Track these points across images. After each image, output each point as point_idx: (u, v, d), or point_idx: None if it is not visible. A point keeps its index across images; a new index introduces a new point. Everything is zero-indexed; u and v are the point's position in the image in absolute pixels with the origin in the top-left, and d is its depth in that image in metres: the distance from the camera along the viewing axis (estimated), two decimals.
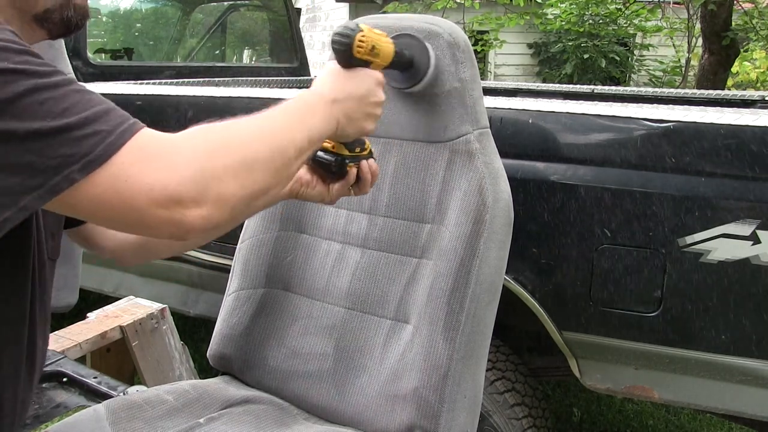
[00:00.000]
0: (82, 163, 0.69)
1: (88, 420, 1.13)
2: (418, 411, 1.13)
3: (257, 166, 0.80)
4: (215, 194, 0.74)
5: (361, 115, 1.02)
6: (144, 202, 0.71)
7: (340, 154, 1.04)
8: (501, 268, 1.19)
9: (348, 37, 1.00)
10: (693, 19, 6.81)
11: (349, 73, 1.02)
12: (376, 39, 1.04)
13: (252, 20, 4.30)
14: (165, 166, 0.72)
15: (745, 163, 1.38)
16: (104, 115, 0.72)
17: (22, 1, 0.82)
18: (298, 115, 0.90)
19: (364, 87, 1.02)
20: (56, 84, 0.70)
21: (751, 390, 1.45)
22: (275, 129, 0.85)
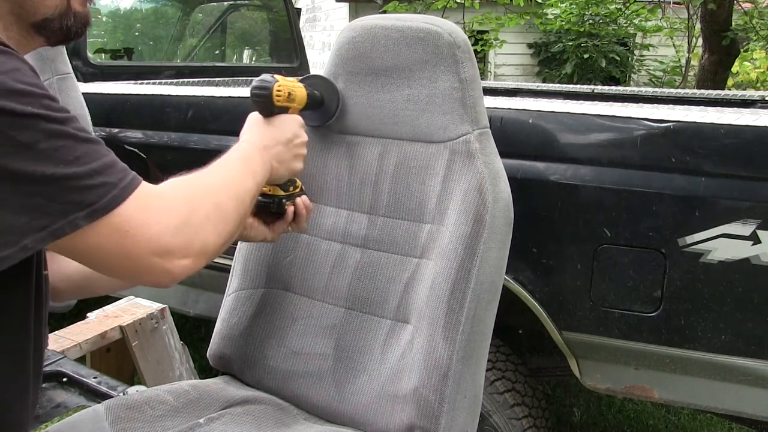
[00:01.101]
0: (88, 211, 0.74)
1: (88, 420, 1.13)
2: (418, 411, 1.13)
3: (228, 216, 0.90)
4: (199, 245, 0.84)
5: (290, 157, 1.12)
6: (142, 251, 0.78)
7: (277, 195, 1.14)
8: (501, 268, 1.19)
9: (267, 89, 1.10)
10: (693, 19, 6.81)
11: (272, 121, 1.12)
12: (290, 86, 1.14)
13: (252, 20, 4.30)
14: (161, 219, 0.79)
15: (745, 163, 1.38)
16: (110, 167, 0.77)
17: (21, 9, 0.82)
18: (244, 165, 1.00)
19: (289, 131, 1.12)
20: (70, 132, 0.74)
21: (751, 390, 1.45)
22: (234, 179, 0.95)
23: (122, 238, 0.76)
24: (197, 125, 2.02)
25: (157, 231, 0.78)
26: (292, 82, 1.15)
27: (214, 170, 0.96)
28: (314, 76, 1.28)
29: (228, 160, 1.00)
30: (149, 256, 0.78)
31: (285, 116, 1.13)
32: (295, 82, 1.17)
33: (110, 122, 2.18)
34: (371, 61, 1.26)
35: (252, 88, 1.11)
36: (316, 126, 1.31)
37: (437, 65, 1.20)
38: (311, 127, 1.33)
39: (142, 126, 2.14)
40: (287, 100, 1.13)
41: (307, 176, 1.33)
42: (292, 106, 1.15)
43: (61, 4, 0.85)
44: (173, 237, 0.80)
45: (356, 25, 1.30)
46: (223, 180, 0.94)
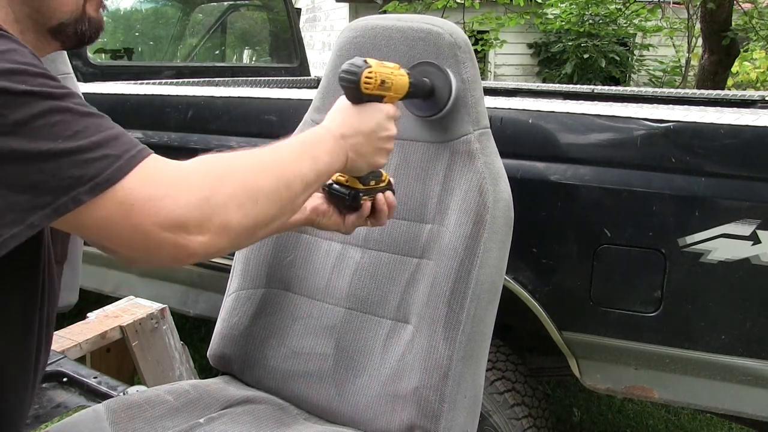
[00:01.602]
0: (90, 185, 0.71)
1: (88, 420, 1.13)
2: (419, 411, 1.13)
3: (262, 197, 0.83)
4: (219, 222, 0.77)
5: (371, 150, 1.03)
6: (149, 225, 0.74)
7: (354, 188, 1.05)
8: (501, 268, 1.19)
9: (354, 74, 1.00)
10: (693, 19, 6.81)
11: (358, 109, 1.02)
12: (386, 73, 1.03)
13: (252, 20, 4.30)
14: (171, 192, 0.75)
15: (745, 163, 1.38)
16: (114, 140, 0.74)
17: (38, 14, 0.83)
18: (306, 149, 0.93)
19: (373, 122, 1.03)
20: (69, 107, 0.72)
21: (751, 390, 1.45)
22: (281, 161, 0.88)
23: (128, 211, 0.73)
24: (197, 125, 2.02)
25: (166, 204, 0.74)
26: (389, 68, 1.05)
27: (261, 150, 0.89)
28: (426, 63, 1.19)
29: (286, 141, 0.94)
30: (159, 231, 0.74)
31: (375, 105, 1.03)
32: (395, 68, 1.07)
33: None
34: None
35: (340, 71, 1.02)
36: (426, 117, 1.21)
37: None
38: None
39: (142, 126, 2.13)
40: (379, 88, 1.02)
41: None
42: (388, 95, 1.05)
43: (76, 9, 0.85)
44: (186, 211, 0.75)
45: (357, 25, 1.30)
46: (265, 160, 0.87)
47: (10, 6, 0.81)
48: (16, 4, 0.81)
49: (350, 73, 1.00)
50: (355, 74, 1.00)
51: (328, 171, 0.96)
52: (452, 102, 1.19)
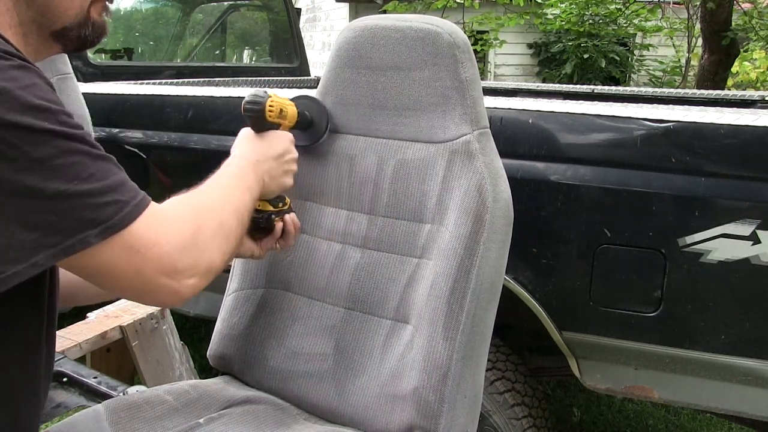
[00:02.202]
0: (101, 228, 0.74)
1: (88, 420, 1.13)
2: (418, 411, 1.13)
3: (230, 233, 0.91)
4: (206, 265, 0.84)
5: (281, 172, 1.13)
6: (151, 271, 0.78)
7: (266, 211, 1.13)
8: (501, 267, 1.19)
9: (259, 104, 1.11)
10: (693, 19, 6.81)
11: (264, 136, 1.13)
12: (282, 103, 1.15)
13: (252, 20, 4.30)
14: (170, 239, 0.80)
15: (745, 163, 1.38)
16: (122, 185, 0.78)
17: (42, 17, 0.83)
18: (241, 182, 1.01)
19: (280, 147, 1.13)
20: (85, 150, 0.75)
21: (751, 390, 1.45)
22: (233, 195, 0.97)
23: (133, 256, 0.76)
24: (197, 125, 2.02)
25: (167, 251, 0.79)
26: (283, 100, 1.16)
27: (213, 187, 0.97)
28: (304, 97, 1.29)
29: (224, 176, 1.01)
30: (159, 276, 0.78)
31: (276, 132, 1.15)
32: (286, 100, 1.18)
33: (110, 122, 2.18)
34: (371, 61, 1.26)
35: (244, 102, 1.12)
36: (304, 146, 1.29)
37: (437, 65, 1.20)
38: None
39: (142, 126, 2.13)
40: (279, 116, 1.14)
41: (308, 176, 1.33)
42: (284, 123, 1.16)
43: (80, 13, 0.86)
44: (182, 256, 0.80)
45: (356, 25, 1.30)
46: (223, 197, 0.95)
47: (15, 9, 0.81)
48: (21, 7, 0.81)
49: (255, 103, 1.11)
50: (259, 104, 1.11)
51: (256, 197, 1.05)
52: (328, 133, 1.29)
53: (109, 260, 0.76)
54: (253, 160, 1.07)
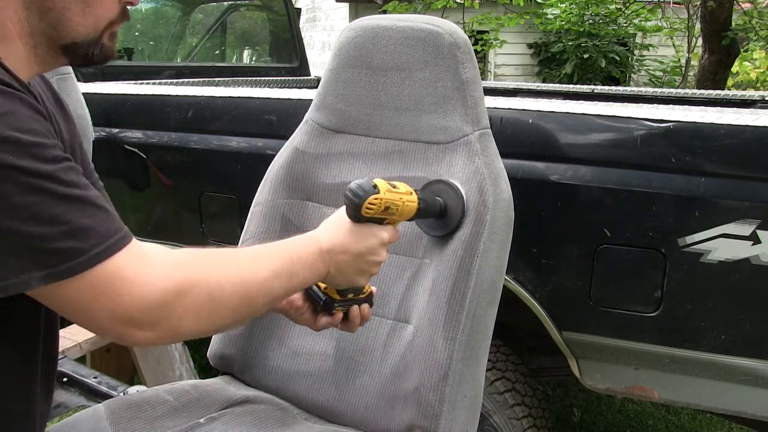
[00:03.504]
0: (45, 273, 0.71)
1: (88, 420, 1.13)
2: (418, 411, 1.13)
3: (222, 311, 0.83)
4: (170, 327, 0.78)
5: (354, 271, 1.02)
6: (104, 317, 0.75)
7: (330, 297, 1.05)
8: (501, 268, 1.19)
9: (359, 197, 0.97)
10: (693, 19, 6.81)
11: (355, 228, 1.01)
12: (393, 199, 1.01)
13: (252, 20, 4.30)
14: (134, 291, 0.75)
15: (745, 163, 1.38)
16: (87, 231, 0.74)
17: (54, 30, 0.83)
18: (287, 264, 0.92)
19: (365, 245, 1.01)
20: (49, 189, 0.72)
21: (751, 390, 1.45)
22: (255, 277, 0.87)
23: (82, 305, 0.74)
24: (197, 125, 2.02)
25: (126, 301, 0.75)
26: (398, 194, 1.02)
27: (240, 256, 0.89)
28: (441, 182, 1.17)
29: (273, 248, 0.94)
30: (111, 322, 0.75)
31: (372, 228, 1.02)
32: (405, 193, 1.03)
33: (110, 122, 2.18)
34: (372, 61, 1.26)
35: (348, 188, 0.99)
36: (435, 235, 1.18)
37: (438, 65, 1.20)
38: (318, 127, 1.32)
39: (142, 126, 2.13)
40: (382, 213, 1.00)
41: (308, 176, 1.33)
42: (390, 219, 1.03)
43: (93, 33, 0.85)
44: (142, 311, 0.76)
45: (357, 25, 1.30)
46: (237, 273, 0.86)
47: (28, 20, 0.81)
48: (33, 18, 0.81)
49: (355, 195, 0.98)
50: (359, 197, 0.97)
51: (302, 286, 0.98)
52: (463, 221, 1.15)
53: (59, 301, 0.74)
54: (325, 246, 0.98)
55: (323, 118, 1.34)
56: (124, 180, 2.24)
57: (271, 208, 1.34)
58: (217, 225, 2.04)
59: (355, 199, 0.97)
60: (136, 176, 2.19)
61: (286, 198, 1.34)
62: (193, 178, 2.08)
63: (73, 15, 0.83)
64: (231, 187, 1.97)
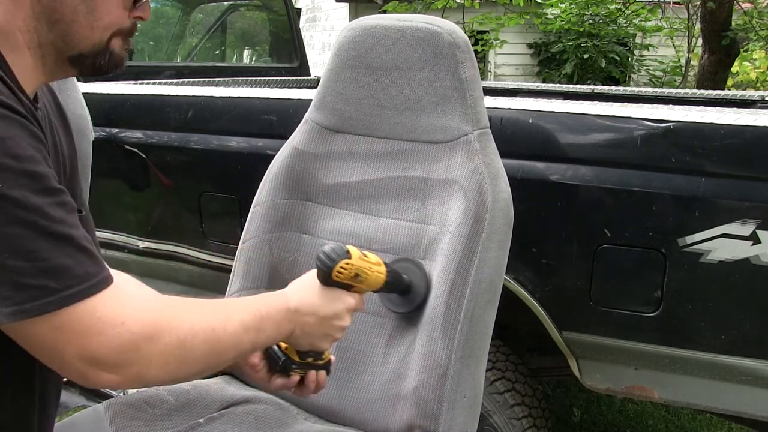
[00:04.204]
0: (13, 309, 0.71)
1: (88, 420, 1.13)
2: (418, 410, 1.13)
3: (191, 360, 0.83)
4: (136, 372, 0.78)
5: (319, 334, 1.02)
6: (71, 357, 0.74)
7: (289, 358, 1.04)
8: (501, 267, 1.19)
9: (331, 261, 0.99)
10: (693, 19, 6.81)
11: (324, 291, 1.01)
12: (363, 267, 1.03)
13: (252, 20, 4.30)
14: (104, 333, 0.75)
15: (745, 163, 1.38)
16: (62, 271, 0.73)
17: (62, 42, 0.84)
18: (257, 320, 0.91)
19: (332, 309, 1.02)
20: (34, 222, 0.71)
21: (751, 390, 1.45)
22: (225, 332, 0.87)
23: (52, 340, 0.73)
24: (197, 125, 2.02)
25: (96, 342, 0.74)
26: (369, 263, 1.04)
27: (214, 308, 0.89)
28: (405, 260, 1.21)
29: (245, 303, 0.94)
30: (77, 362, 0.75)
31: (341, 293, 1.03)
32: (376, 264, 1.06)
33: (110, 122, 2.18)
34: (371, 61, 1.26)
35: (320, 251, 1.01)
36: (396, 312, 1.21)
37: (437, 65, 1.20)
38: (317, 127, 1.32)
39: (142, 126, 2.14)
40: (351, 279, 1.02)
41: (308, 177, 1.33)
42: (358, 287, 1.04)
43: (99, 43, 0.86)
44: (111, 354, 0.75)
45: (356, 24, 1.30)
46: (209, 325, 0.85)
47: (37, 31, 0.82)
48: (42, 29, 0.82)
49: (328, 258, 0.99)
50: (332, 260, 0.99)
51: (267, 343, 0.98)
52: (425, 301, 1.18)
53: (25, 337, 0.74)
54: (293, 306, 0.98)
55: (323, 118, 1.34)
56: (124, 180, 2.24)
57: (270, 208, 1.34)
58: (217, 225, 2.04)
59: (327, 261, 0.99)
60: (136, 176, 2.19)
61: (285, 198, 1.34)
62: (193, 178, 2.08)
63: (81, 28, 0.83)
64: (231, 187, 1.97)
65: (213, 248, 2.03)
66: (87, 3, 0.82)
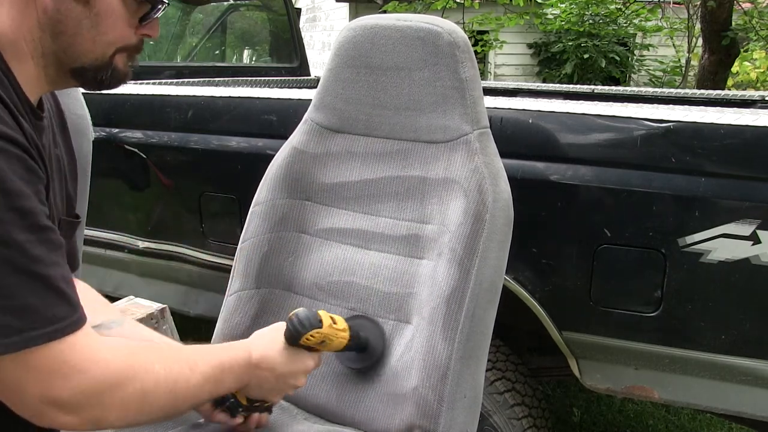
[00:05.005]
0: None
1: None
2: (418, 410, 1.13)
3: (150, 410, 0.84)
4: (94, 417, 0.78)
5: (272, 388, 1.05)
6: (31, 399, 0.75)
7: (238, 401, 1.06)
8: (501, 267, 1.19)
9: (303, 328, 1.02)
10: (693, 19, 6.81)
11: (287, 351, 1.04)
12: (329, 334, 1.07)
13: (252, 20, 4.30)
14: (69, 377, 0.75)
15: (745, 163, 1.38)
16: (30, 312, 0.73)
17: (64, 54, 0.85)
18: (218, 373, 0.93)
19: (290, 368, 1.04)
20: (10, 259, 0.71)
21: (751, 390, 1.45)
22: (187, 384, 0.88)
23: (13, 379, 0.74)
24: (197, 125, 2.02)
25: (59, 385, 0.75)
26: (335, 330, 1.08)
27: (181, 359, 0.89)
28: (362, 318, 1.24)
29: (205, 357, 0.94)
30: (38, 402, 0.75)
31: (302, 355, 1.06)
32: (344, 329, 1.10)
33: (110, 122, 2.18)
34: (371, 60, 1.26)
35: (295, 315, 1.03)
36: (352, 367, 1.24)
37: (437, 65, 1.20)
38: (317, 127, 1.32)
39: (142, 126, 2.13)
40: (317, 344, 1.06)
41: (308, 176, 1.33)
42: (320, 349, 1.09)
43: (101, 58, 0.87)
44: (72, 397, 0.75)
45: (356, 24, 1.30)
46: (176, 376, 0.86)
47: (41, 41, 0.83)
48: (46, 40, 0.83)
49: (301, 325, 1.03)
50: (304, 328, 1.02)
51: (225, 393, 0.99)
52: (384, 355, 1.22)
53: None
54: (254, 361, 1.00)
55: (322, 117, 1.34)
56: (124, 180, 2.24)
57: (270, 207, 1.34)
58: (217, 225, 2.04)
59: (299, 327, 1.02)
60: (136, 176, 2.19)
61: (285, 198, 1.34)
62: (193, 178, 2.08)
63: (84, 41, 0.84)
64: (231, 187, 1.97)
65: (213, 248, 2.03)
66: (91, 18, 0.84)
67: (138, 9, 0.88)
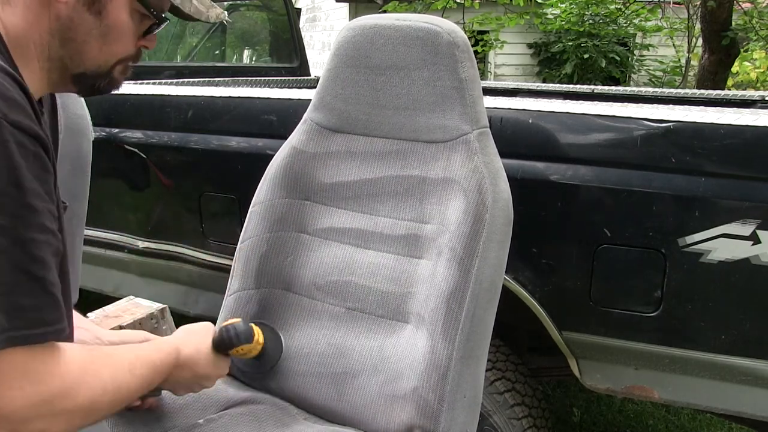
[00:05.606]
0: None
1: None
2: (418, 410, 1.13)
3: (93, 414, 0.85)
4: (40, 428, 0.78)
5: (183, 386, 1.09)
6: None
7: None
8: (501, 267, 1.19)
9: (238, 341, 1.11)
10: (693, 19, 6.81)
11: (210, 356, 1.09)
12: (253, 348, 1.16)
13: (252, 20, 4.30)
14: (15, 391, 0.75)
15: (745, 163, 1.38)
16: (18, 311, 0.73)
17: (69, 59, 0.87)
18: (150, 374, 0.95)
19: (210, 373, 1.10)
20: (11, 256, 0.72)
21: (751, 390, 1.45)
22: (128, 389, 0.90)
23: None
24: (197, 125, 2.02)
25: (15, 395, 0.75)
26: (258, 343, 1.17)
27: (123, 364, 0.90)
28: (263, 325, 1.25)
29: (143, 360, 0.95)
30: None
31: (222, 361, 1.12)
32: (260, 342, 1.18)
33: (110, 122, 2.18)
34: (370, 60, 1.26)
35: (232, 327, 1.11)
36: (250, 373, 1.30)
37: (436, 65, 1.20)
38: (317, 126, 1.33)
39: (142, 126, 2.13)
40: (239, 354, 1.15)
41: (307, 176, 1.33)
42: (235, 355, 1.16)
43: (104, 66, 0.90)
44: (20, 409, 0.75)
45: (355, 24, 1.30)
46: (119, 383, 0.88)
47: (49, 45, 0.85)
48: (54, 45, 0.86)
49: (236, 338, 1.11)
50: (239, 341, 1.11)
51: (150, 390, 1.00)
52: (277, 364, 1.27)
53: None
54: (181, 360, 1.03)
55: (322, 117, 1.34)
56: (124, 180, 2.23)
57: (269, 207, 1.34)
58: (217, 225, 2.04)
59: (234, 340, 1.10)
60: (136, 176, 2.19)
61: (284, 197, 1.34)
62: (193, 178, 2.08)
63: (91, 49, 0.87)
64: (231, 187, 1.97)
65: (213, 248, 2.03)
66: (101, 28, 0.86)
67: (142, 23, 0.92)
